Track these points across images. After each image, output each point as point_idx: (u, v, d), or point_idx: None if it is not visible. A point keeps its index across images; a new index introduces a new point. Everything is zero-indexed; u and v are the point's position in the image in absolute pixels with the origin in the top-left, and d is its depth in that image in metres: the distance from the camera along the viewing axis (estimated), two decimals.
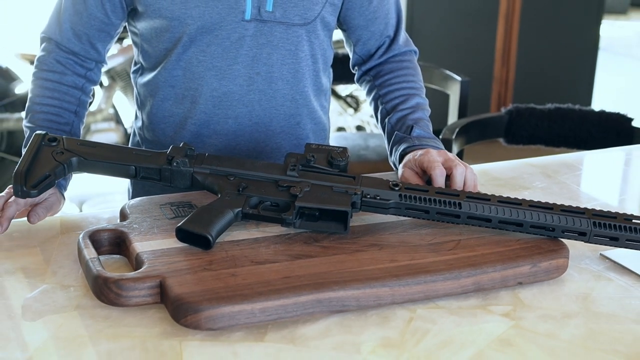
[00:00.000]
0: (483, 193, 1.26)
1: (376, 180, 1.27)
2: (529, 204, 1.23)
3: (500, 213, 1.22)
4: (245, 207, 1.22)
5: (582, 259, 1.28)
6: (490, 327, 1.08)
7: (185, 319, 1.03)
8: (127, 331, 1.05)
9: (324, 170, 1.26)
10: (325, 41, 1.53)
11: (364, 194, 1.25)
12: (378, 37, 1.57)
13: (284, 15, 1.44)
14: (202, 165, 1.26)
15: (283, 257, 1.17)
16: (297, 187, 1.24)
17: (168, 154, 1.26)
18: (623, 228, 1.21)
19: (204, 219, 1.18)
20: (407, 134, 1.47)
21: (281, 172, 1.26)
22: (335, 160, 1.26)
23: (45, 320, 1.07)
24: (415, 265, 1.15)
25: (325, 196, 1.23)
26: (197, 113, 1.48)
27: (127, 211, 1.29)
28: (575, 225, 1.22)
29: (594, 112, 2.33)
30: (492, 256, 1.19)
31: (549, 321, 1.10)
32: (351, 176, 1.27)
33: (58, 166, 1.24)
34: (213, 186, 1.25)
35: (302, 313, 1.07)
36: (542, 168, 1.70)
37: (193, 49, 1.44)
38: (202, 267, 1.12)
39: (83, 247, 1.17)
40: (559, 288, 1.19)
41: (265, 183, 1.25)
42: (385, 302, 1.11)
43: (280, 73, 1.48)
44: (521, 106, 2.35)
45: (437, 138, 1.49)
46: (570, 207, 1.24)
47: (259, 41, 1.44)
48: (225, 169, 1.26)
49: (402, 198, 1.24)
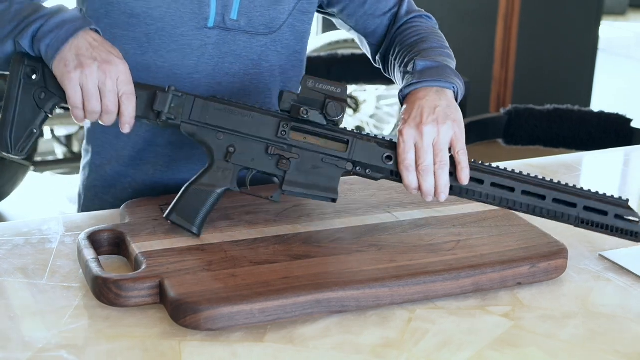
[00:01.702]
0: (479, 167, 1.23)
1: (370, 148, 1.22)
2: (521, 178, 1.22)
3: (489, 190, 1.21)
4: (234, 183, 1.22)
5: (581, 259, 1.28)
6: (490, 327, 1.08)
7: (185, 320, 1.03)
8: (126, 331, 1.05)
9: (316, 130, 1.22)
10: (299, 50, 1.46)
11: (354, 166, 1.23)
12: (383, 17, 1.46)
13: (248, 24, 1.37)
14: (190, 120, 1.21)
15: (282, 257, 1.17)
16: (286, 159, 1.21)
17: (154, 108, 1.20)
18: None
19: (192, 207, 1.20)
20: (412, 69, 1.30)
21: (272, 128, 1.21)
22: (330, 116, 1.21)
23: (45, 321, 1.07)
24: (415, 266, 1.15)
25: (313, 176, 1.22)
26: None
27: (127, 212, 1.29)
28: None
29: (593, 112, 2.33)
30: (492, 257, 1.19)
31: (548, 321, 1.10)
32: (345, 140, 1.22)
33: (43, 118, 1.20)
34: (202, 144, 1.22)
35: (302, 313, 1.07)
36: (541, 169, 1.71)
37: (151, 54, 1.35)
38: (202, 268, 1.12)
39: (83, 247, 1.17)
40: (558, 288, 1.19)
41: (254, 145, 1.22)
42: (385, 302, 1.11)
43: (243, 84, 1.41)
44: (520, 107, 2.35)
45: (450, 66, 1.31)
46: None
47: (221, 50, 1.37)
48: (213, 124, 1.21)
49: (392, 174, 1.23)
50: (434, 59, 1.31)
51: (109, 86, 1.17)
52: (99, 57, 1.17)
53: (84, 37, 1.18)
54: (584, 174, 1.74)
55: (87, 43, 1.17)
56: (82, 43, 1.17)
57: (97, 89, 1.17)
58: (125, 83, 1.18)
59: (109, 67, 1.17)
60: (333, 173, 1.23)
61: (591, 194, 1.22)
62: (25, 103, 1.19)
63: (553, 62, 4.94)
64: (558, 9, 4.87)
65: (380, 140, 1.23)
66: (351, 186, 1.43)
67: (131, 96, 1.19)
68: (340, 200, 1.37)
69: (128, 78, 1.19)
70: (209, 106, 1.21)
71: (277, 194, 1.24)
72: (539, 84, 4.94)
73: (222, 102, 1.22)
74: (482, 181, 1.22)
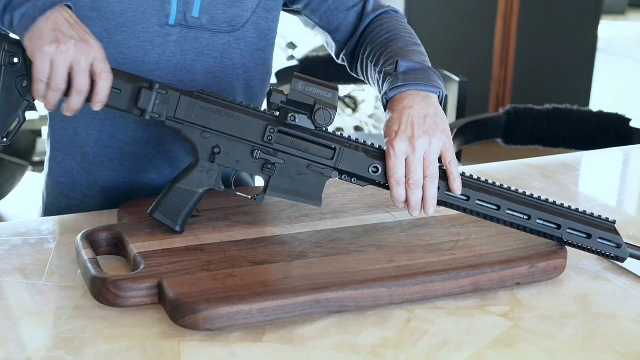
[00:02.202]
0: (473, 181, 1.22)
1: (357, 158, 1.21)
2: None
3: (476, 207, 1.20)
4: (218, 184, 1.22)
5: (580, 259, 1.28)
6: (489, 327, 1.08)
7: (184, 320, 1.03)
8: (125, 332, 1.05)
9: (303, 135, 1.21)
10: (263, 48, 1.44)
11: (340, 175, 1.22)
12: (348, 12, 1.44)
13: (210, 21, 1.35)
14: (175, 118, 1.20)
15: (281, 257, 1.17)
16: (271, 164, 1.21)
17: (139, 106, 1.19)
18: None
19: (175, 205, 1.21)
20: (394, 70, 1.28)
21: (259, 132, 1.20)
22: (318, 124, 1.20)
23: (43, 321, 1.07)
24: (414, 266, 1.15)
25: (298, 182, 1.21)
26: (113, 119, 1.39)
27: (125, 212, 1.29)
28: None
29: (592, 112, 2.33)
30: (491, 257, 1.19)
31: (547, 321, 1.10)
32: (332, 147, 1.21)
33: (26, 106, 1.18)
34: (187, 142, 1.22)
35: (301, 313, 1.07)
36: (540, 169, 1.71)
37: (112, 49, 1.31)
38: (200, 268, 1.12)
39: (81, 247, 1.17)
40: (558, 288, 1.19)
41: (240, 147, 1.21)
42: (384, 302, 1.11)
43: (206, 82, 1.39)
44: (519, 107, 2.35)
45: (432, 68, 1.29)
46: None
47: (183, 47, 1.35)
48: (198, 123, 1.20)
49: (379, 184, 1.22)
50: (415, 59, 1.29)
51: (82, 65, 1.14)
52: (76, 36, 1.14)
53: (61, 12, 1.15)
54: (583, 173, 1.74)
55: (64, 19, 1.15)
56: (60, 18, 1.14)
57: (67, 69, 1.14)
58: (102, 61, 1.15)
59: (86, 47, 1.14)
60: (318, 180, 1.22)
61: (578, 214, 1.22)
62: (8, 91, 1.17)
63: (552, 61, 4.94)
64: (557, 8, 4.88)
65: (369, 148, 1.22)
66: (350, 186, 1.43)
67: (109, 74, 1.16)
68: (339, 200, 1.38)
69: (103, 57, 1.16)
70: (195, 104, 1.20)
71: (260, 195, 1.23)
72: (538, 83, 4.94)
73: (209, 100, 1.21)
74: (468, 197, 1.21)
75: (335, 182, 1.42)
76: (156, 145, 1.41)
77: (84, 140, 1.41)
